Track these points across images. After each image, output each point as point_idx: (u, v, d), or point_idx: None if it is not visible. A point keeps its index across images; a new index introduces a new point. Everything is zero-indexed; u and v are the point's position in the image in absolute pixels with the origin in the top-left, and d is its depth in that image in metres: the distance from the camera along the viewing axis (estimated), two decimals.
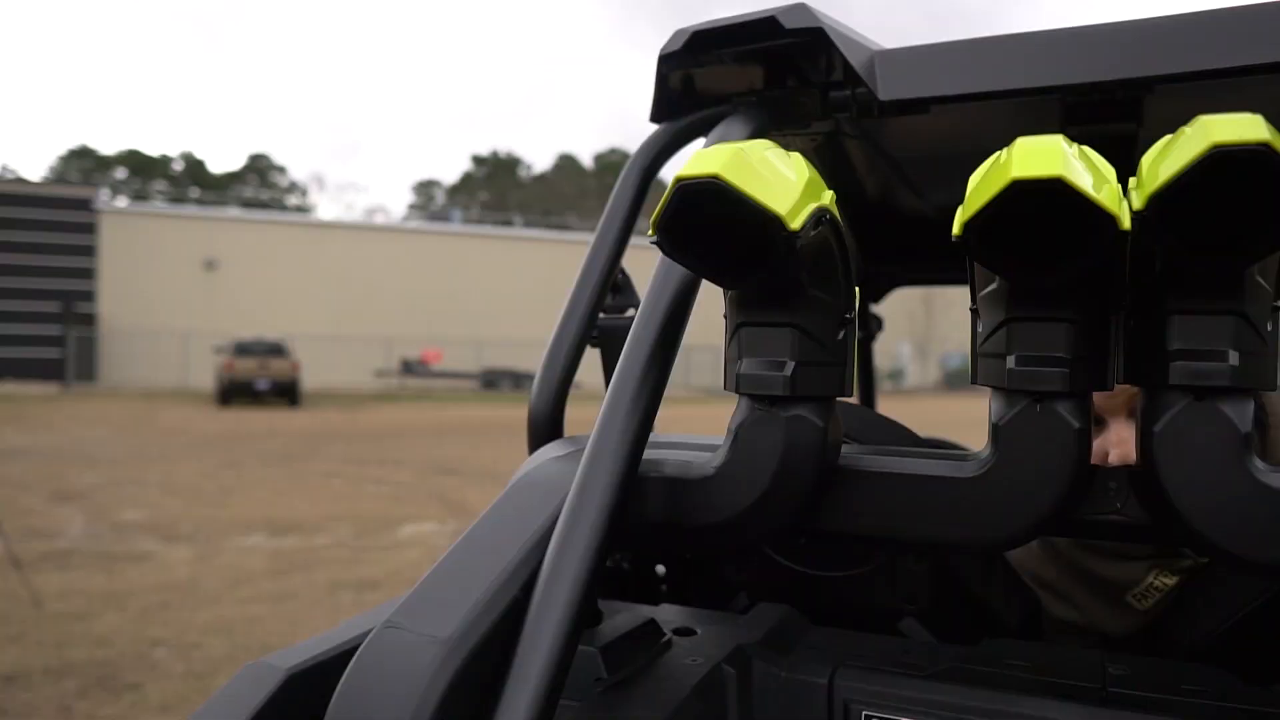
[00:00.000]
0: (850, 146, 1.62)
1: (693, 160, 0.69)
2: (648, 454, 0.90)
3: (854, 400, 1.21)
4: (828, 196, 0.76)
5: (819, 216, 0.73)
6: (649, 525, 0.88)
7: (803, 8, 1.10)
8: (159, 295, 35.70)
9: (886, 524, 0.85)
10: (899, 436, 1.15)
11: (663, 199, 0.69)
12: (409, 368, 35.45)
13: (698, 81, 1.25)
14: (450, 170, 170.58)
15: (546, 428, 1.11)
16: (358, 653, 0.71)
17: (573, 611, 0.71)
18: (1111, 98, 1.15)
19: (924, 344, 46.85)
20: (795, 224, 0.68)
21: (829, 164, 1.67)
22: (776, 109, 1.17)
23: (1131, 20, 1.06)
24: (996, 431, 0.80)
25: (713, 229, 0.71)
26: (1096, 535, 1.04)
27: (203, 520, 8.29)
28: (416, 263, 40.03)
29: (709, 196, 0.67)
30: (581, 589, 0.72)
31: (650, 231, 0.72)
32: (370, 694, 0.67)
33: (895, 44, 1.17)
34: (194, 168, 77.22)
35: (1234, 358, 0.73)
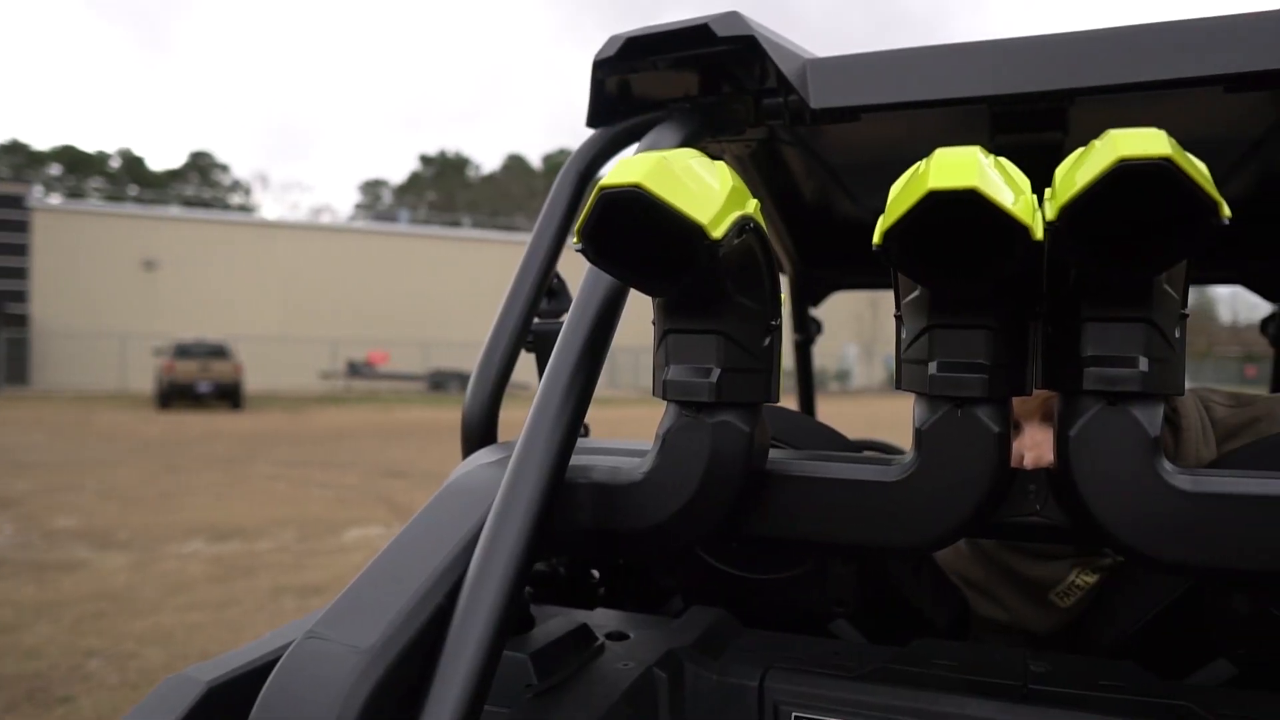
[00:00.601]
0: (787, 153, 1.64)
1: (616, 169, 0.70)
2: (577, 459, 0.90)
3: (784, 404, 1.22)
4: (752, 205, 0.76)
5: (742, 225, 0.74)
6: (578, 531, 0.88)
7: (735, 16, 1.11)
8: (95, 296, 34.78)
9: (813, 528, 0.86)
10: (829, 441, 1.16)
11: (586, 207, 0.70)
12: (355, 369, 35.01)
13: (634, 87, 1.25)
14: (398, 170, 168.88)
15: (480, 432, 1.11)
16: (278, 664, 0.70)
17: (498, 618, 0.71)
18: (1038, 108, 1.17)
19: (870, 345, 47.48)
20: (717, 232, 0.69)
21: (766, 170, 1.69)
22: (710, 115, 1.18)
23: (1056, 34, 1.09)
24: (919, 436, 0.82)
25: (636, 237, 0.72)
26: (1017, 537, 1.07)
27: (140, 526, 8.10)
28: (363, 263, 39.54)
29: (632, 205, 0.68)
30: (507, 595, 0.72)
31: (575, 239, 0.72)
32: (290, 705, 0.67)
33: (845, 50, 1.19)
34: (132, 165, 75.37)
35: (1144, 364, 0.75)
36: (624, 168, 0.69)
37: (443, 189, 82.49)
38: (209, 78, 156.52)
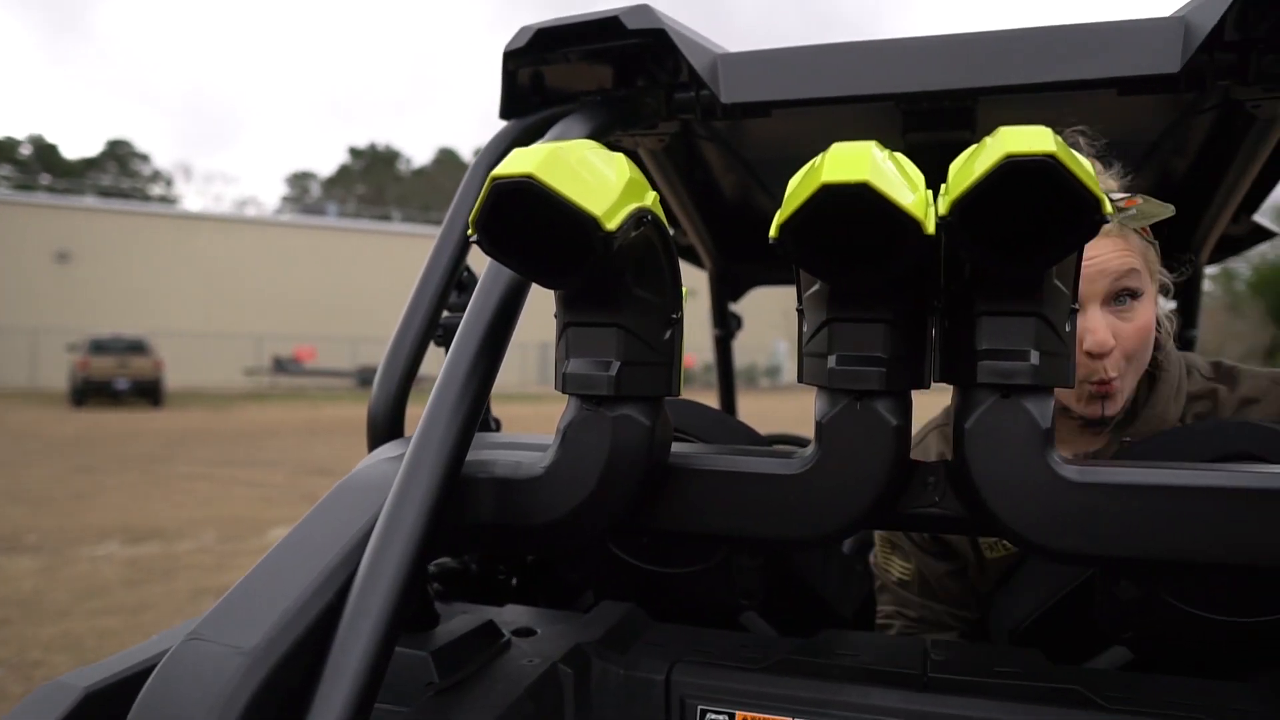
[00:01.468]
0: (704, 147, 1.65)
1: (509, 159, 0.69)
2: (479, 454, 0.89)
3: (689, 399, 1.22)
4: (650, 198, 0.76)
5: (640, 217, 0.73)
6: (479, 526, 0.87)
7: (645, 9, 1.11)
8: (4, 288, 33.33)
9: (715, 521, 0.87)
10: (737, 434, 1.17)
11: (480, 198, 0.69)
12: (281, 366, 34.20)
13: (547, 79, 1.24)
14: (326, 162, 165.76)
15: (386, 428, 1.09)
16: (157, 668, 0.67)
17: (389, 616, 0.70)
18: (947, 107, 1.19)
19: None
20: (612, 225, 0.68)
21: (682, 164, 1.70)
22: (621, 109, 1.18)
23: (962, 34, 1.11)
24: (820, 429, 0.83)
25: (531, 229, 0.71)
26: (917, 528, 1.09)
27: (51, 529, 7.80)
28: (290, 257, 38.62)
29: (524, 196, 0.67)
30: (398, 593, 0.71)
31: (470, 231, 0.71)
32: (167, 710, 0.64)
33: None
34: (45, 153, 72.48)
35: (1035, 357, 0.77)
36: (517, 158, 0.68)
37: (372, 182, 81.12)
38: (128, 64, 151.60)
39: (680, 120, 1.24)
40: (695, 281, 2.57)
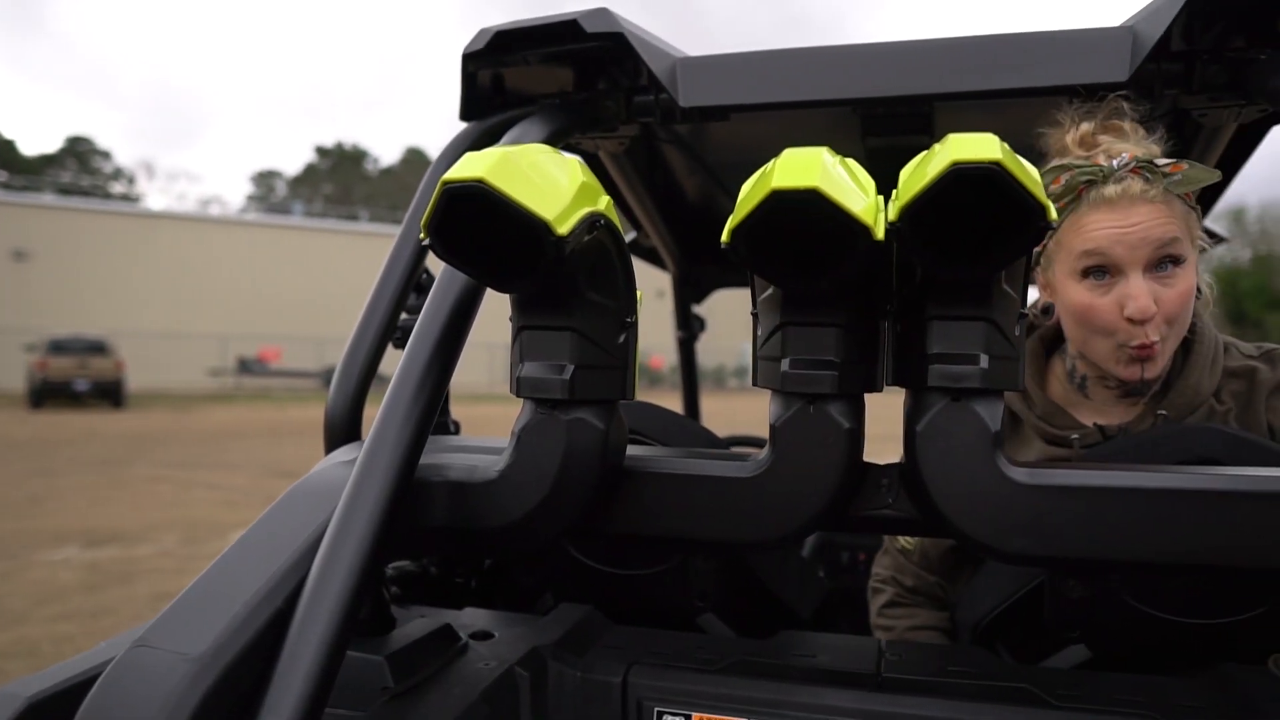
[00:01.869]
0: (666, 151, 1.65)
1: (460, 163, 0.69)
2: (435, 458, 0.89)
3: (646, 400, 1.22)
4: (604, 202, 0.76)
5: (593, 222, 0.73)
6: (435, 530, 0.87)
7: (604, 13, 1.11)
8: None
9: (670, 523, 0.87)
10: (695, 437, 1.18)
11: (431, 202, 0.68)
12: (246, 366, 33.78)
13: (507, 81, 1.24)
14: (292, 161, 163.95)
15: (343, 430, 1.09)
16: (102, 675, 0.66)
17: (339, 621, 0.69)
18: (905, 112, 1.21)
19: None
20: (563, 229, 0.68)
21: (644, 167, 1.70)
22: (580, 112, 1.18)
23: (919, 40, 1.12)
24: (774, 433, 0.83)
25: (483, 233, 0.71)
26: (871, 530, 1.10)
27: (7, 533, 7.64)
28: (255, 257, 38.15)
29: (475, 200, 0.67)
30: (350, 598, 0.71)
31: (422, 234, 0.71)
32: (112, 717, 0.63)
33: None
34: (1, 149, 71.19)
35: (985, 361, 0.78)
36: (468, 162, 0.68)
37: (339, 181, 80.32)
38: (89, 59, 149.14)
39: (640, 123, 1.24)
40: (664, 283, 2.58)
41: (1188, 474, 0.82)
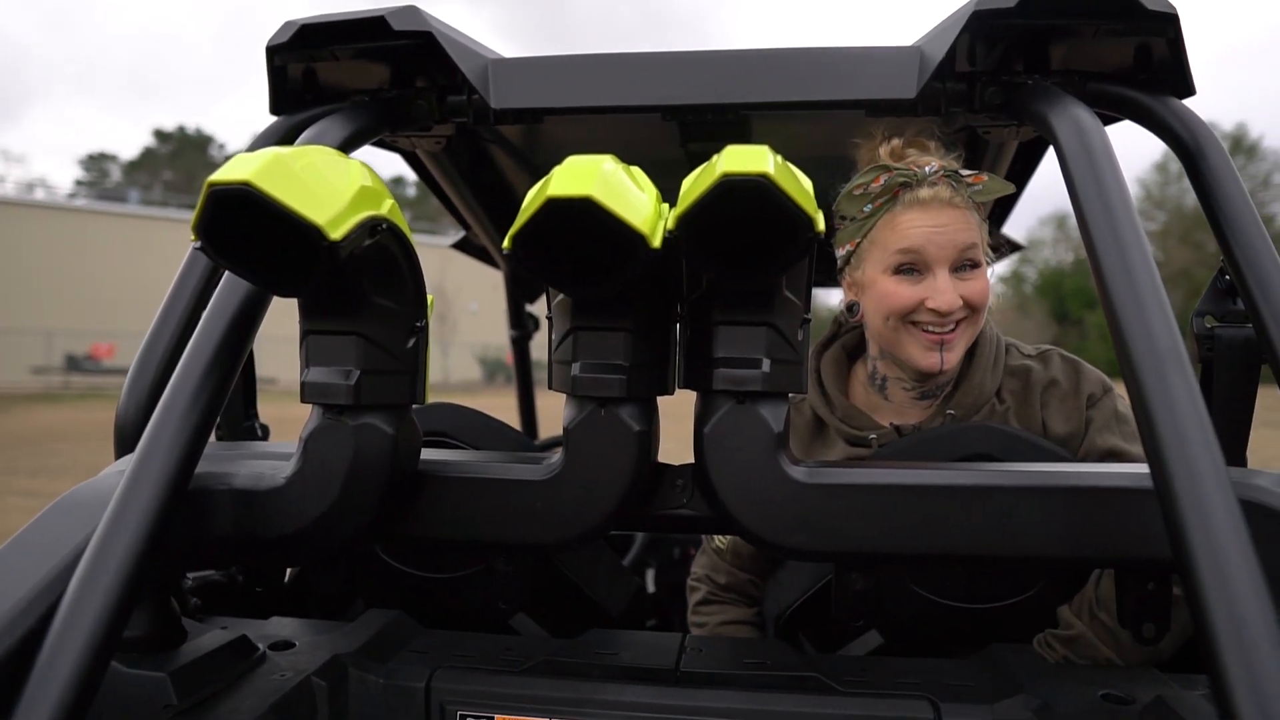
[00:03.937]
0: (491, 150, 1.64)
1: (229, 165, 0.67)
2: (219, 466, 0.86)
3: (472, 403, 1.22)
4: (387, 205, 0.76)
5: (374, 226, 0.73)
6: (221, 539, 0.84)
7: (412, 10, 1.10)
8: None
9: (467, 527, 0.87)
10: (505, 439, 1.18)
11: (199, 203, 0.66)
12: (75, 364, 31.58)
13: (320, 76, 1.21)
14: (128, 145, 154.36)
15: (134, 438, 1.03)
16: None
17: (98, 639, 0.66)
18: (725, 118, 1.24)
19: None
20: (337, 234, 0.67)
21: (467, 166, 1.69)
22: (389, 110, 1.16)
23: (729, 50, 1.15)
24: (567, 436, 0.85)
25: (257, 236, 0.69)
26: (668, 529, 1.13)
27: None
28: (86, 246, 35.66)
29: (243, 203, 0.65)
30: (111, 614, 0.68)
31: (192, 236, 0.68)
32: None
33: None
34: None
35: (767, 365, 0.82)
36: (236, 164, 0.66)
37: (181, 168, 75.95)
38: None
39: (455, 123, 1.23)
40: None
41: (955, 470, 0.88)
